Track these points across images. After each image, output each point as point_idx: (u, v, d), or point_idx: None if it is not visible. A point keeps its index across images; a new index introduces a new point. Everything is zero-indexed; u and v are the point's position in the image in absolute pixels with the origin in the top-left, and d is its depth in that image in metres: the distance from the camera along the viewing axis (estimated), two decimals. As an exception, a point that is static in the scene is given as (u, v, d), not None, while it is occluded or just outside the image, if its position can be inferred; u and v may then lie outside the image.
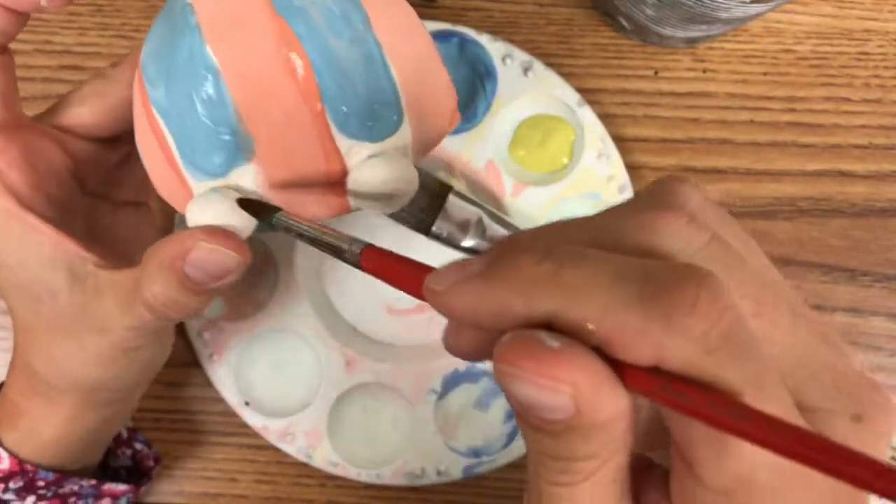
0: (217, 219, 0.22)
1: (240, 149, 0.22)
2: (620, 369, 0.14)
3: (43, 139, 0.28)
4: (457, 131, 0.38)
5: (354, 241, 0.19)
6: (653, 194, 0.16)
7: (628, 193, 0.38)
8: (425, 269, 0.17)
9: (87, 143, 0.29)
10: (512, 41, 0.38)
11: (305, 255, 0.39)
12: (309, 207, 0.23)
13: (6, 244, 0.26)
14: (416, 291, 0.17)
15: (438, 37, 0.38)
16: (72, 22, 0.40)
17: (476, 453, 0.39)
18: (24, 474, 0.29)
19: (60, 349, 0.27)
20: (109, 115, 0.28)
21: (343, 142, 0.22)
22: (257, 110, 0.22)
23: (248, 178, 0.22)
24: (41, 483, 0.30)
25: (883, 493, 0.12)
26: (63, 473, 0.30)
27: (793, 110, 0.40)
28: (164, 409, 0.40)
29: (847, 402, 0.15)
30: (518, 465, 0.39)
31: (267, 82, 0.22)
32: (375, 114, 0.22)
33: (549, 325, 0.14)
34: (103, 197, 0.30)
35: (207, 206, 0.22)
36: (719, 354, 0.13)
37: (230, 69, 0.21)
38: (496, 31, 0.39)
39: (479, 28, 0.38)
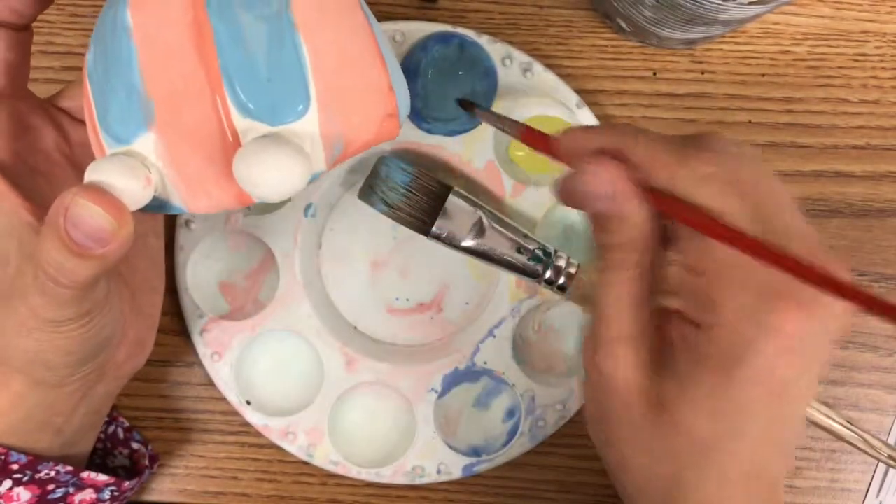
0: (109, 180, 0.21)
1: (142, 114, 0.21)
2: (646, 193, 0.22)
3: (37, 114, 0.29)
4: (457, 132, 0.38)
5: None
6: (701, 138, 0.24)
7: (627, 194, 0.38)
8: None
9: (83, 126, 0.29)
10: (511, 43, 0.39)
11: (306, 254, 0.39)
12: (209, 188, 0.22)
13: None
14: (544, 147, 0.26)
15: (439, 38, 0.38)
16: (75, 23, 0.40)
17: (476, 452, 0.39)
18: None
19: (4, 318, 0.26)
20: None
21: (240, 120, 0.21)
22: (159, 73, 0.21)
23: (150, 147, 0.22)
24: (14, 466, 0.29)
25: (838, 293, 0.18)
26: (37, 457, 0.29)
27: (791, 111, 0.41)
28: (166, 409, 0.40)
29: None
30: (518, 464, 0.39)
31: (170, 46, 0.21)
32: (275, 95, 0.21)
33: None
34: None
35: (101, 168, 0.21)
36: (711, 187, 0.22)
37: (140, 30, 0.21)
38: (496, 33, 0.39)
39: (479, 29, 0.38)
